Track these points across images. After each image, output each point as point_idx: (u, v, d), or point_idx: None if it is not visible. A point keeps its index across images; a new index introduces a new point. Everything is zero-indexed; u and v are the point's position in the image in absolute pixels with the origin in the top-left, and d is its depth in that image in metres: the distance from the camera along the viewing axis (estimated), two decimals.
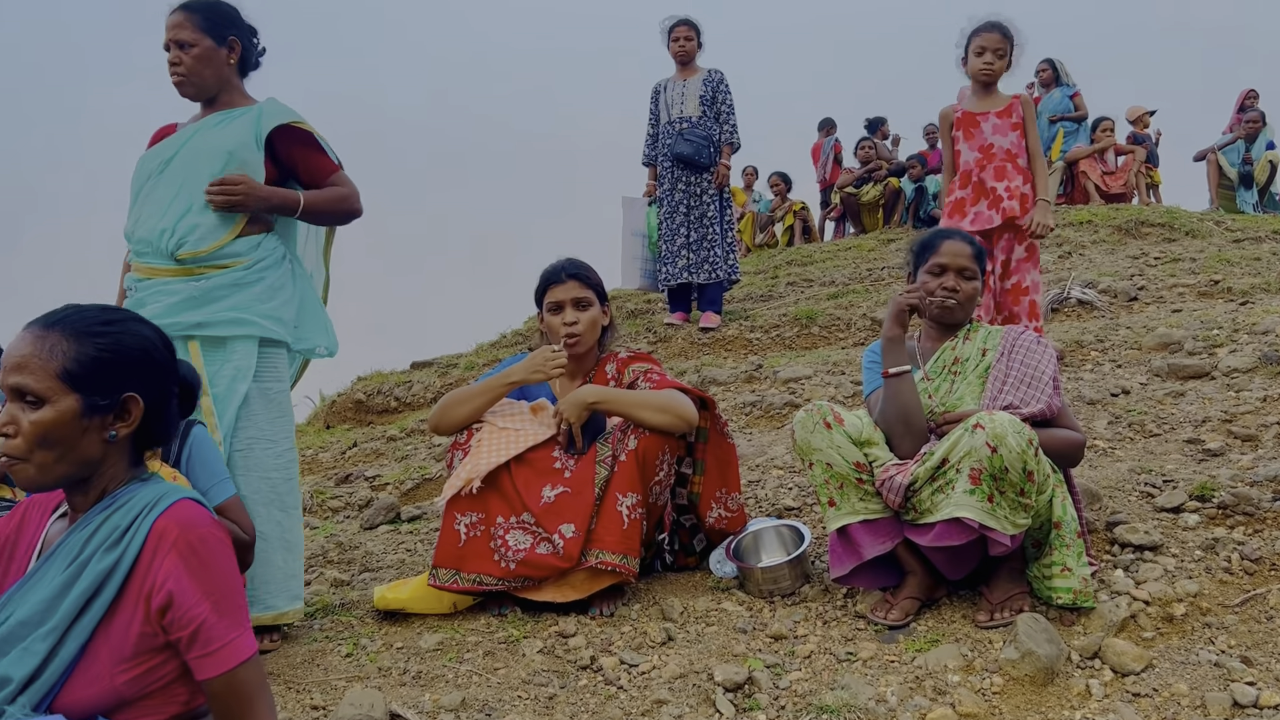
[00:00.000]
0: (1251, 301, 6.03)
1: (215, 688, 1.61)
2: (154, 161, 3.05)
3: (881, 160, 12.04)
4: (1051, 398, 2.87)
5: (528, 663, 2.77)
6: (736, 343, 7.13)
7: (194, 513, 1.66)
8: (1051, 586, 2.70)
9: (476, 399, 3.22)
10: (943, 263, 3.07)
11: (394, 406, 7.53)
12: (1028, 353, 2.96)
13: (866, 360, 3.17)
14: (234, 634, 1.62)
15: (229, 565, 1.64)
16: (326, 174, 3.18)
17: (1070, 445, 2.86)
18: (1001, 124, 4.75)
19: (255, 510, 2.99)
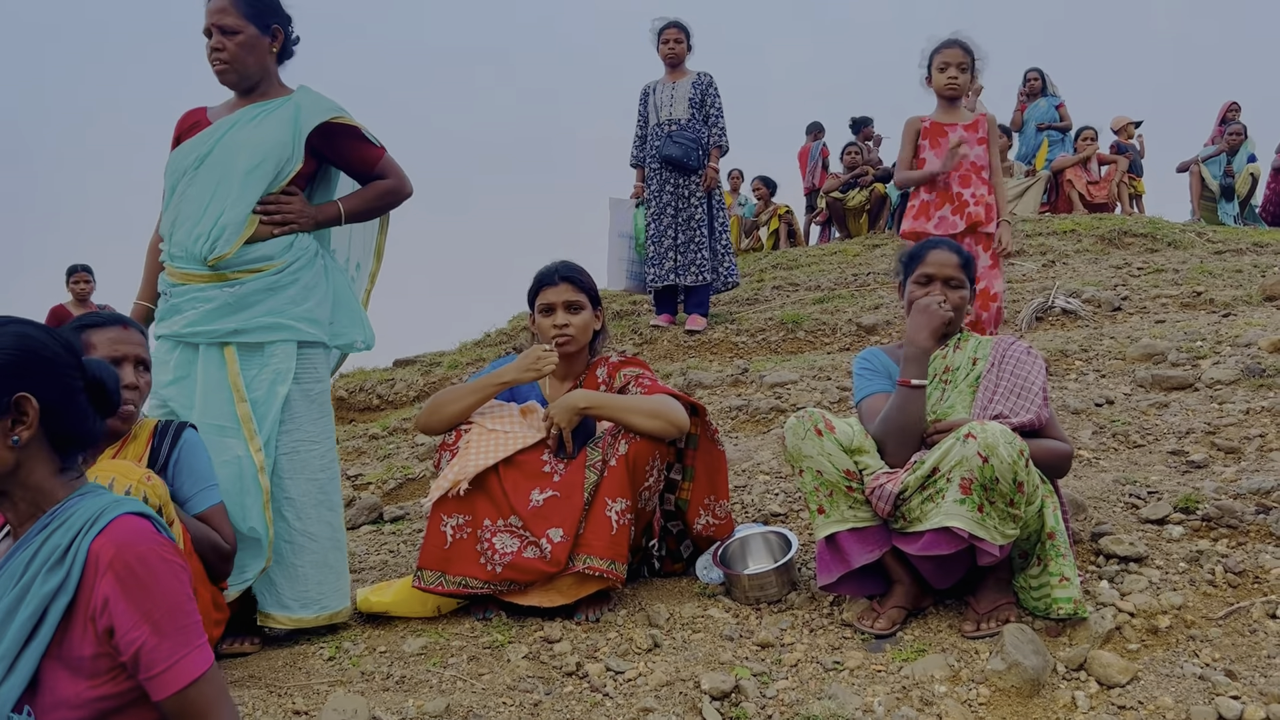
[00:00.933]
0: (1233, 313, 6.08)
1: (168, 708, 1.58)
2: (189, 157, 2.98)
3: (867, 165, 12.06)
4: (1041, 409, 2.88)
5: (513, 668, 2.75)
6: (722, 346, 7.13)
7: (132, 530, 1.60)
8: (1053, 598, 2.69)
9: (466, 399, 3.19)
10: (929, 273, 3.08)
11: (376, 404, 7.49)
12: (1018, 363, 2.96)
13: (858, 367, 3.17)
14: (179, 654, 1.57)
15: (171, 583, 1.58)
16: (373, 162, 3.17)
17: (1058, 456, 2.86)
18: (969, 137, 4.87)
19: (306, 512, 2.99)
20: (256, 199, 2.94)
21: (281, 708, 2.49)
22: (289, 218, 2.99)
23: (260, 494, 2.87)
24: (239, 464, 2.85)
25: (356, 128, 3.12)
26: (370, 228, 3.41)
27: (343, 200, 3.15)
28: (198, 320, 2.90)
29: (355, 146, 3.14)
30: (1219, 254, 8.23)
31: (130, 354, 2.61)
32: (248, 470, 2.86)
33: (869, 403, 3.05)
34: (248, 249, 2.93)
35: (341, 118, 3.08)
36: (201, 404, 2.90)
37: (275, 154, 2.96)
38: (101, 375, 1.72)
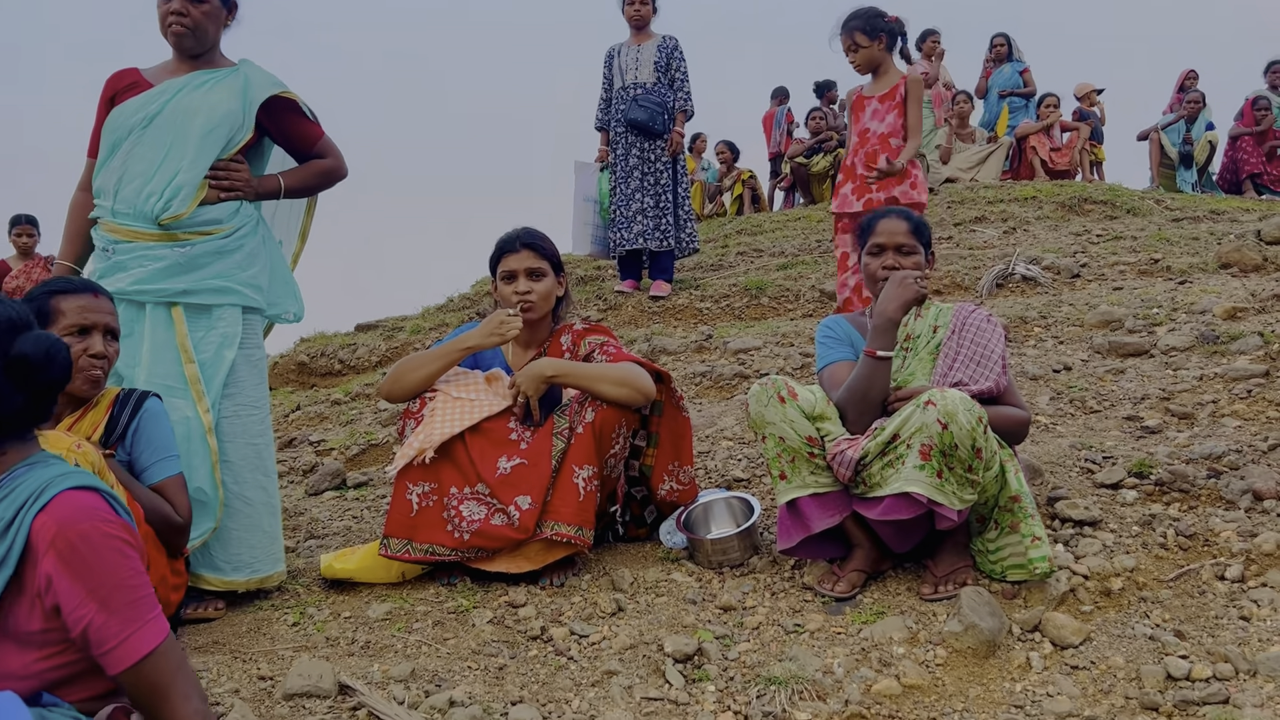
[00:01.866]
0: (1190, 281, 6.17)
1: (124, 681, 1.58)
2: (136, 115, 3.00)
3: (832, 130, 12.07)
4: (999, 376, 2.92)
5: (477, 633, 2.77)
6: (686, 312, 7.14)
7: (76, 506, 1.57)
8: (1029, 558, 2.73)
9: (430, 365, 3.19)
10: (880, 242, 3.11)
11: (338, 369, 7.44)
12: (979, 331, 3.00)
13: (821, 335, 3.19)
14: (129, 630, 1.56)
15: (115, 560, 1.56)
16: (313, 141, 3.26)
17: (1016, 423, 2.91)
18: (882, 109, 5.01)
19: (242, 476, 3.02)
20: (210, 163, 3.00)
21: (246, 673, 2.50)
22: (235, 185, 3.05)
23: (208, 454, 2.89)
24: (187, 424, 2.87)
25: (300, 104, 3.19)
26: (296, 208, 3.50)
27: (283, 175, 3.22)
28: (146, 279, 2.91)
29: (297, 122, 3.22)
30: (1177, 221, 8.33)
31: (100, 322, 2.58)
32: (195, 430, 2.88)
33: (831, 370, 3.07)
34: (199, 211, 2.99)
35: (287, 93, 3.15)
36: (149, 363, 2.91)
37: (228, 121, 3.02)
38: (26, 351, 1.64)
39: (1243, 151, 10.94)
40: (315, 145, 3.25)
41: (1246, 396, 3.97)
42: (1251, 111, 10.99)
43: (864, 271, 3.15)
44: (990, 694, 2.45)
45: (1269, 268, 6.25)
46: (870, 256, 3.12)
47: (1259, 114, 10.89)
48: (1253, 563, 2.79)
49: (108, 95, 3.10)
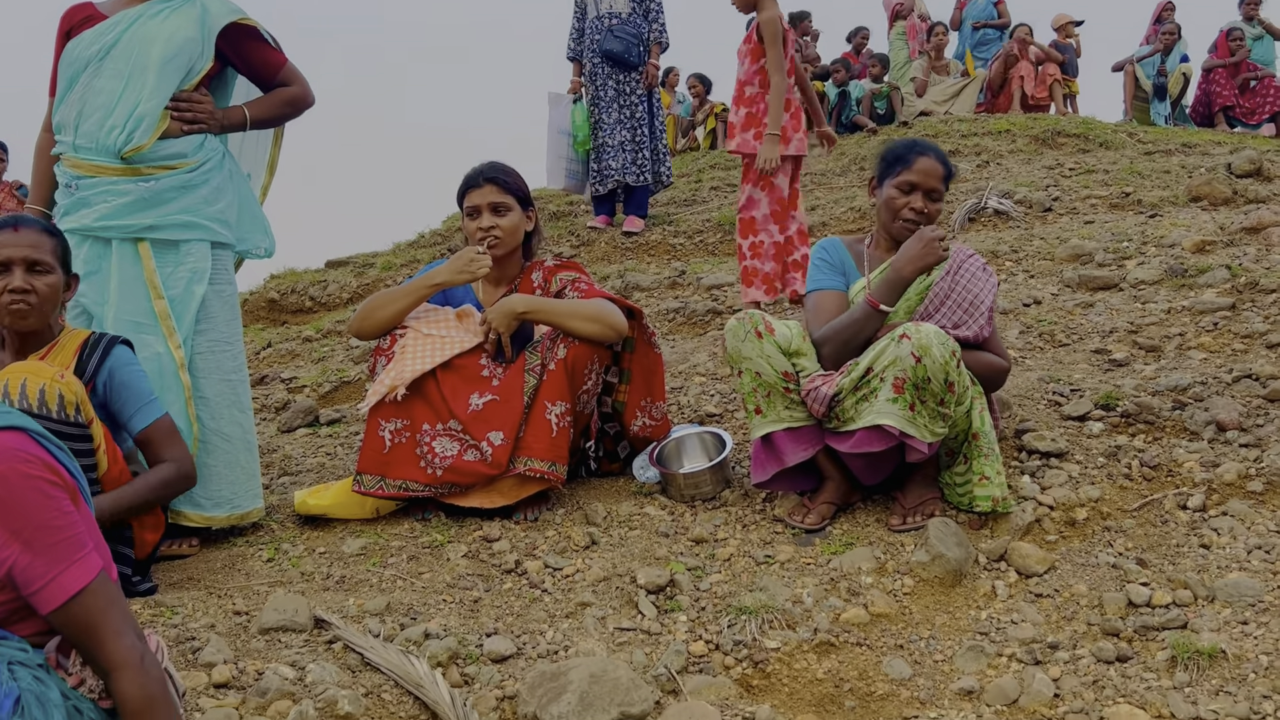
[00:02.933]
0: (1160, 214, 6.19)
1: (55, 621, 1.57)
2: (92, 47, 2.92)
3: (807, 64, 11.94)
4: (984, 326, 2.93)
5: (452, 567, 2.79)
6: (660, 248, 7.11)
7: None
8: (973, 495, 2.79)
9: (399, 301, 3.17)
10: (913, 181, 2.99)
11: (308, 306, 7.38)
12: (972, 278, 2.97)
13: (815, 256, 3.15)
14: (55, 571, 1.55)
15: (35, 499, 1.54)
16: (276, 69, 3.18)
17: (996, 370, 2.95)
18: (744, 50, 4.99)
19: (219, 412, 3.01)
20: (171, 93, 2.94)
21: (221, 609, 2.51)
22: (199, 117, 2.99)
23: (181, 390, 2.88)
24: (159, 360, 2.85)
25: (260, 31, 3.12)
26: (263, 140, 3.43)
27: (248, 105, 3.15)
28: (110, 214, 2.87)
29: (258, 49, 3.15)
30: (1149, 155, 8.33)
31: (15, 256, 2.49)
32: (168, 367, 2.86)
33: (818, 299, 3.06)
34: (161, 144, 2.92)
35: (246, 19, 3.08)
36: (117, 300, 2.88)
37: (188, 50, 2.95)
38: None
39: (1216, 84, 10.92)
40: (279, 73, 3.18)
41: (1213, 329, 4.01)
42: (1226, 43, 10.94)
43: (884, 203, 3.04)
44: (956, 621, 2.50)
45: (1238, 201, 6.28)
46: (899, 191, 3.00)
47: (1233, 45, 10.85)
48: (1214, 492, 2.84)
49: (64, 29, 3.03)
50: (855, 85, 11.03)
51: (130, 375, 2.64)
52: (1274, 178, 6.77)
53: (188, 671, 2.12)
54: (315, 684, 2.09)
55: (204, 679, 2.10)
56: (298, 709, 1.98)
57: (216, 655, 2.18)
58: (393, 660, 2.20)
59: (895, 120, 10.67)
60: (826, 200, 7.79)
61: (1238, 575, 2.46)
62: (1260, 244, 5.08)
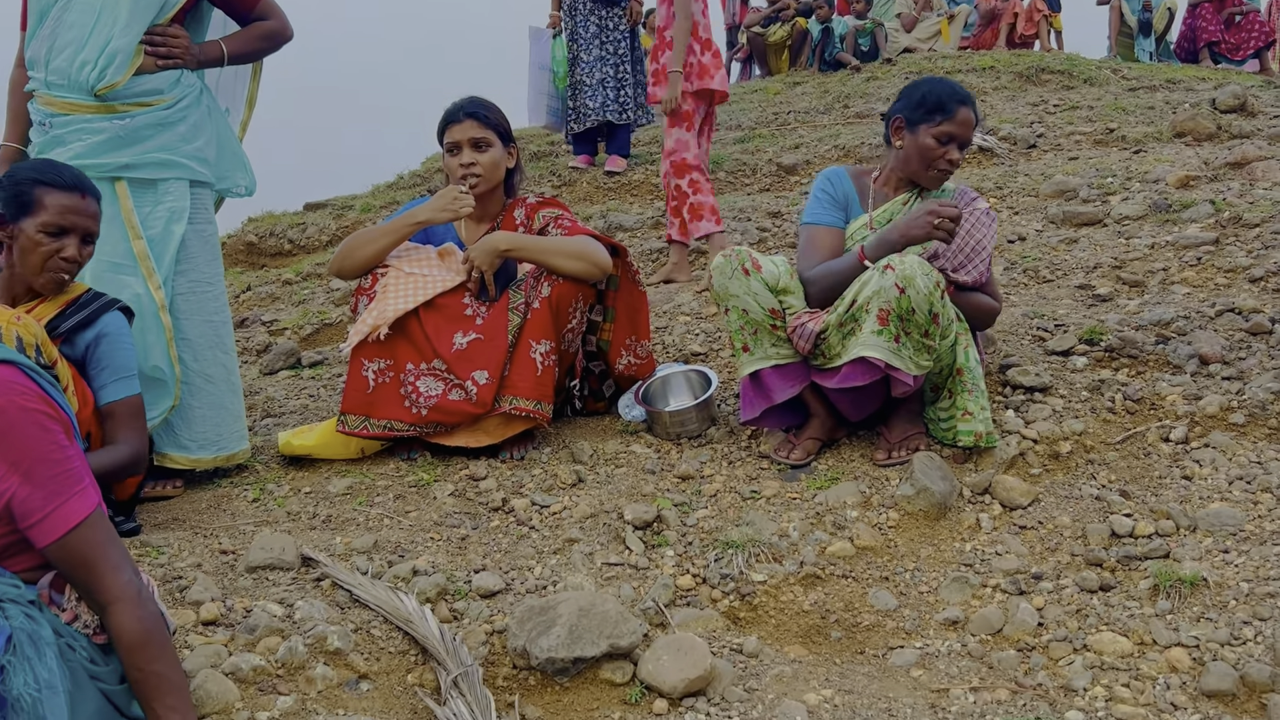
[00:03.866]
0: (1144, 150, 6.18)
1: (52, 555, 1.57)
2: None
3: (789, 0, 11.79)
4: (983, 272, 2.91)
5: (439, 505, 2.79)
6: (642, 187, 7.05)
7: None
8: (956, 430, 2.80)
9: (381, 240, 3.13)
10: (952, 132, 2.89)
11: (287, 249, 7.31)
12: (976, 224, 2.93)
13: (818, 186, 3.09)
14: (54, 504, 1.55)
15: (33, 432, 1.54)
16: (253, 3, 3.09)
17: (987, 311, 2.97)
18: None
19: (202, 353, 2.97)
20: (145, 28, 2.85)
21: (208, 548, 2.51)
22: (174, 53, 2.91)
23: (163, 332, 2.84)
24: (138, 301, 2.80)
25: None
26: (242, 75, 3.35)
27: (225, 40, 3.06)
28: (85, 153, 2.80)
29: None
30: (1133, 91, 8.29)
31: (80, 226, 2.43)
32: (148, 308, 2.81)
33: (813, 233, 3.02)
34: (136, 81, 2.84)
35: None
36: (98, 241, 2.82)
37: None
38: None
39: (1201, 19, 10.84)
40: (256, 7, 3.09)
41: (1196, 264, 4.02)
42: None
43: (918, 150, 2.92)
44: (940, 554, 2.52)
45: (1222, 136, 6.27)
46: (935, 141, 2.90)
47: None
48: (1196, 425, 2.86)
49: None
50: (839, 21, 10.91)
51: (116, 346, 2.55)
52: (1258, 113, 6.75)
53: (175, 610, 2.11)
54: (304, 620, 2.10)
55: (192, 617, 2.10)
56: (287, 645, 1.98)
57: (204, 593, 2.18)
58: (381, 597, 2.20)
59: (879, 57, 10.57)
60: (810, 138, 7.73)
61: (1219, 505, 2.48)
62: (1244, 179, 5.08)
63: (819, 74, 10.72)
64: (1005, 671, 2.08)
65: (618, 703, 2.02)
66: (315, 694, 1.93)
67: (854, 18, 11.00)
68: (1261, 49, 10.62)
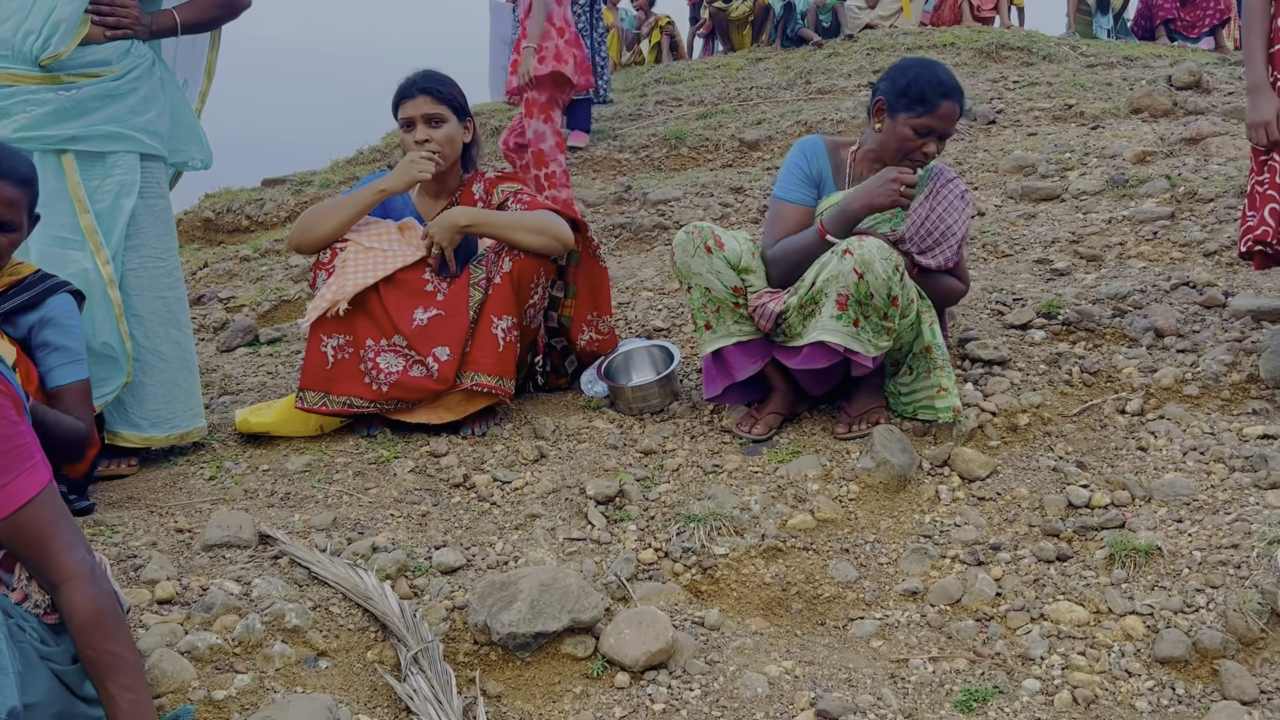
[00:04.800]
0: (1102, 126, 6.22)
1: (3, 534, 1.54)
2: None
3: None
4: (951, 256, 2.90)
5: (399, 482, 2.77)
6: (605, 163, 7.02)
7: None
8: (934, 408, 2.81)
9: (341, 213, 3.08)
10: (932, 125, 2.80)
11: (245, 226, 7.21)
12: (949, 206, 2.89)
13: (791, 159, 3.01)
14: (4, 479, 1.51)
15: None
16: None
17: (953, 293, 3.00)
18: None
19: (154, 330, 2.92)
20: None
21: (163, 526, 2.47)
22: (123, 23, 2.82)
23: (111, 308, 2.77)
24: (86, 277, 2.73)
25: None
26: (199, 44, 3.28)
27: (178, 10, 2.98)
28: (29, 125, 2.72)
29: None
30: (1091, 68, 8.34)
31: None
32: (96, 284, 2.75)
33: (781, 209, 2.97)
34: (83, 51, 2.76)
35: None
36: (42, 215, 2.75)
37: None
38: None
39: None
40: None
41: (1152, 238, 4.06)
42: None
43: (896, 137, 2.83)
44: (900, 525, 2.54)
45: (1178, 112, 6.33)
46: (913, 133, 2.80)
47: None
48: (1152, 397, 2.90)
49: None
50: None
51: (63, 329, 2.47)
52: (1213, 90, 6.82)
53: (130, 589, 2.08)
54: (261, 598, 2.07)
55: (147, 595, 2.07)
56: (244, 623, 1.96)
57: (159, 572, 2.15)
58: (340, 573, 2.18)
59: (840, 34, 10.56)
60: (772, 114, 7.72)
61: (1173, 476, 2.51)
62: (1199, 154, 5.14)
63: (781, 50, 10.70)
64: (964, 641, 2.10)
65: (579, 677, 2.02)
66: (273, 672, 1.91)
67: None
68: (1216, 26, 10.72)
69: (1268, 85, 2.69)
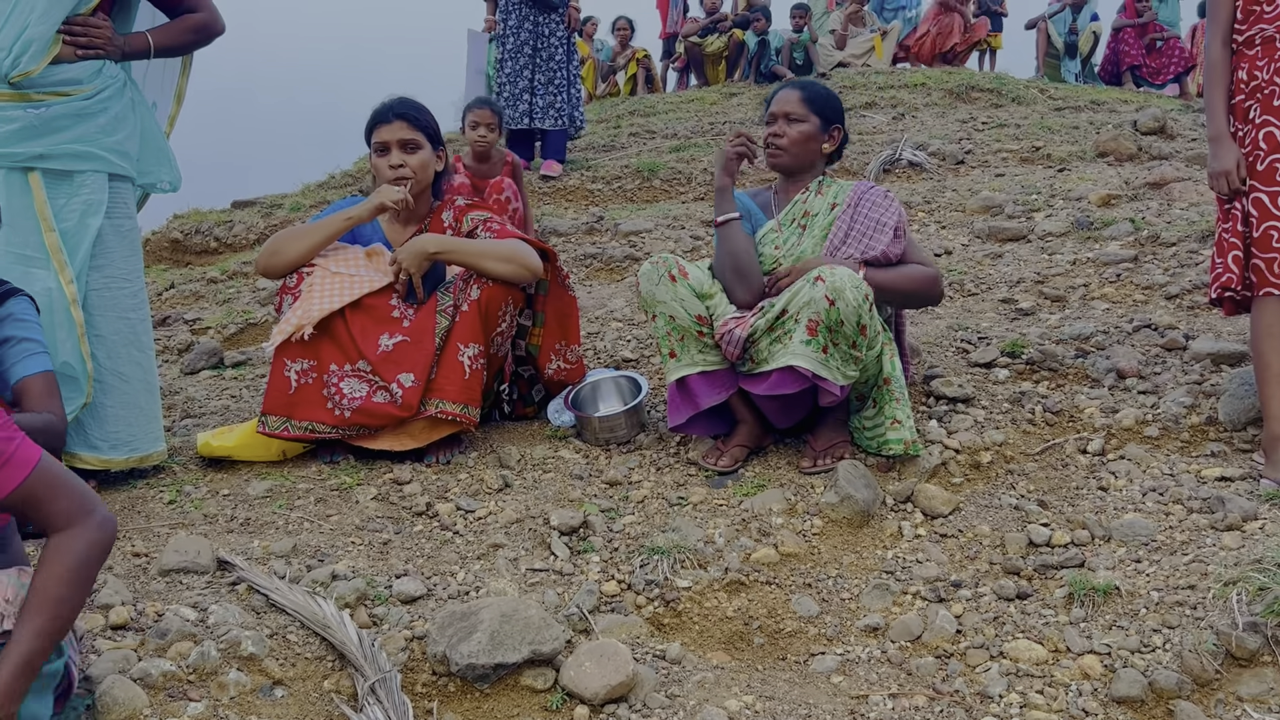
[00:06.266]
0: (1068, 169, 6.33)
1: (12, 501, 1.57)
2: None
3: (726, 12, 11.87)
4: (890, 244, 2.93)
5: (361, 509, 2.75)
6: (578, 193, 7.04)
7: None
8: (884, 439, 2.83)
9: (309, 238, 3.07)
10: (772, 111, 3.11)
11: (213, 247, 7.15)
12: (873, 206, 3.00)
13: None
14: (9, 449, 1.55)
15: None
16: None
17: (925, 279, 2.96)
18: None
19: (116, 351, 2.89)
20: (63, 16, 2.77)
21: (119, 550, 2.44)
22: (96, 43, 2.83)
23: (73, 327, 2.74)
24: (49, 296, 2.71)
25: None
26: (170, 68, 3.28)
27: (151, 32, 2.98)
28: None
29: None
30: (1059, 111, 8.49)
31: None
32: (58, 303, 2.72)
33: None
34: (53, 70, 2.76)
35: None
36: (6, 232, 2.73)
37: None
38: None
39: (1124, 44, 11.15)
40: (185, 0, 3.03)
41: (1116, 280, 4.12)
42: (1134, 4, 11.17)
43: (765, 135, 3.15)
44: (863, 561, 2.55)
45: (1143, 157, 6.45)
46: (765, 126, 3.14)
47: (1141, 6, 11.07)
48: (1113, 437, 2.93)
49: None
50: (775, 34, 11.00)
51: (24, 324, 2.40)
52: (1176, 135, 6.96)
53: (84, 614, 2.05)
54: (218, 625, 2.04)
55: (101, 621, 2.04)
56: (199, 650, 1.93)
57: (114, 597, 2.11)
58: (298, 601, 2.16)
59: (814, 71, 10.69)
60: None
61: (1133, 516, 2.54)
62: (1162, 199, 5.23)
63: (754, 85, 10.81)
64: (923, 678, 2.10)
65: (539, 709, 2.00)
66: (228, 700, 1.88)
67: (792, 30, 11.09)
68: (1181, 74, 10.96)
69: (1228, 135, 2.75)
